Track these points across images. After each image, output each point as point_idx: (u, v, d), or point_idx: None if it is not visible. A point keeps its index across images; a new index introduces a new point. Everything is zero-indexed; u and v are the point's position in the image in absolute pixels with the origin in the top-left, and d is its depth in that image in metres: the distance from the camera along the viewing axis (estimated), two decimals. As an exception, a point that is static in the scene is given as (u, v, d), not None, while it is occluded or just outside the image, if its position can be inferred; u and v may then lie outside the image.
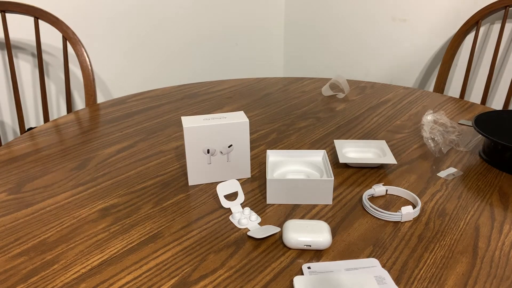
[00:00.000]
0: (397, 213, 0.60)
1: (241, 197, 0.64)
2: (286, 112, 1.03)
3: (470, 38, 1.60)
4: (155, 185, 0.70)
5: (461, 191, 0.68)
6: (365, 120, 0.98)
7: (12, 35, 1.38)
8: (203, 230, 0.59)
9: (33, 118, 1.50)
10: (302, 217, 0.61)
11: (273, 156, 0.72)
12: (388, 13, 1.84)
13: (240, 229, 0.59)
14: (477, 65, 1.64)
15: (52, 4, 1.43)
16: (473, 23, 1.48)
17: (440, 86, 1.55)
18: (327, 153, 0.81)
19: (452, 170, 0.74)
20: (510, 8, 1.45)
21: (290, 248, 0.55)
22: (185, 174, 0.73)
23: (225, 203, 0.62)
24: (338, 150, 0.77)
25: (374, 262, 0.52)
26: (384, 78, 1.95)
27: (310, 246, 0.54)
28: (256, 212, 0.63)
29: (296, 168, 0.70)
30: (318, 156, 0.72)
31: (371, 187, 0.68)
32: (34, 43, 1.42)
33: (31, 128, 1.09)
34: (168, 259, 0.53)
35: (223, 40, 2.00)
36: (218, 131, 0.66)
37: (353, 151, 0.78)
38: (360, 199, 0.65)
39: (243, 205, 0.64)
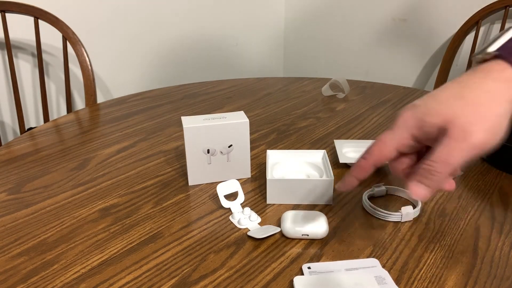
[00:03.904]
0: (397, 213, 0.60)
1: (241, 197, 0.64)
2: (286, 112, 1.03)
3: (470, 38, 1.60)
4: (155, 185, 0.70)
5: (461, 191, 0.68)
6: (365, 120, 0.98)
7: (12, 35, 1.38)
8: (203, 230, 0.59)
9: (33, 118, 1.50)
10: (302, 217, 0.61)
11: (273, 156, 0.72)
12: (388, 13, 1.84)
13: (240, 229, 0.59)
14: (477, 65, 1.64)
15: (52, 4, 1.43)
16: (473, 23, 1.48)
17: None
18: (327, 153, 0.81)
19: (452, 170, 0.74)
20: (510, 8, 1.45)
21: (288, 238, 0.55)
22: (185, 174, 0.73)
23: (225, 203, 0.62)
24: (338, 150, 0.77)
25: (374, 262, 0.52)
26: (384, 78, 1.95)
27: (308, 235, 0.55)
28: (256, 212, 0.63)
29: (296, 168, 0.70)
30: (318, 156, 0.72)
31: (371, 187, 0.68)
32: (34, 43, 1.42)
33: (31, 128, 1.09)
34: (168, 259, 0.53)
35: (223, 40, 2.00)
36: (218, 131, 0.66)
37: (353, 151, 0.78)
38: (360, 199, 0.65)
39: (243, 205, 0.64)
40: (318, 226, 0.55)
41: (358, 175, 0.45)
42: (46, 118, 1.35)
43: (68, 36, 1.28)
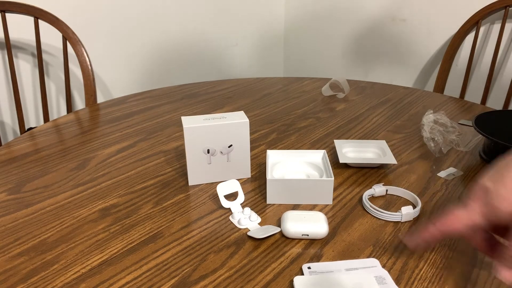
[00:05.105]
0: (397, 213, 0.60)
1: (241, 197, 0.64)
2: (286, 112, 1.03)
3: (470, 38, 1.60)
4: (155, 185, 0.70)
5: (461, 191, 0.68)
6: (365, 120, 0.98)
7: (12, 35, 1.38)
8: (203, 230, 0.59)
9: (33, 118, 1.50)
10: (302, 217, 0.61)
11: (273, 156, 0.72)
12: (388, 13, 1.84)
13: (240, 229, 0.59)
14: (477, 65, 1.64)
15: (52, 4, 1.43)
16: (473, 23, 1.48)
17: (440, 86, 1.55)
18: (327, 153, 0.81)
19: (452, 170, 0.74)
20: (510, 8, 1.45)
21: (288, 238, 0.55)
22: (185, 174, 0.73)
23: (225, 203, 0.62)
24: (338, 150, 0.77)
25: (374, 262, 0.52)
26: (384, 78, 1.95)
27: (308, 235, 0.55)
28: (256, 212, 0.63)
29: (296, 168, 0.70)
30: (318, 156, 0.72)
31: (371, 187, 0.68)
32: (34, 43, 1.42)
33: (31, 128, 1.09)
34: (168, 259, 0.53)
35: (223, 40, 2.00)
36: (218, 131, 0.66)
37: (353, 151, 0.78)
38: (360, 199, 0.65)
39: (243, 205, 0.64)
40: (318, 226, 0.55)
41: (425, 238, 0.47)
42: (46, 118, 1.35)
43: (68, 36, 1.28)
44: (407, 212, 0.59)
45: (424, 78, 1.83)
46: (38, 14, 1.28)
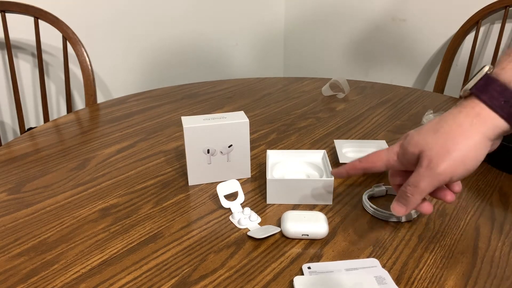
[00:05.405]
0: (397, 213, 0.60)
1: (241, 197, 0.64)
2: (286, 112, 1.03)
3: (470, 38, 1.60)
4: (155, 185, 0.70)
5: (461, 191, 0.68)
6: (365, 120, 0.98)
7: (12, 35, 1.38)
8: (203, 230, 0.59)
9: (33, 118, 1.50)
10: (302, 217, 0.61)
11: (273, 156, 0.72)
12: (388, 13, 1.84)
13: (240, 229, 0.59)
14: (477, 65, 1.64)
15: (52, 4, 1.43)
16: (473, 23, 1.48)
17: (440, 86, 1.55)
18: (327, 153, 0.81)
19: (452, 170, 0.74)
20: (510, 8, 1.45)
21: (288, 238, 0.55)
22: (185, 174, 0.73)
23: (225, 203, 0.62)
24: (338, 150, 0.77)
25: (374, 262, 0.52)
26: (384, 78, 1.95)
27: (308, 235, 0.55)
28: (256, 212, 0.63)
29: (296, 168, 0.70)
30: (318, 156, 0.72)
31: (371, 187, 0.68)
32: (34, 43, 1.42)
33: (31, 128, 1.09)
34: (168, 259, 0.53)
35: (223, 40, 2.00)
36: (218, 131, 0.66)
37: (353, 151, 0.78)
38: (360, 199, 0.65)
39: (243, 205, 0.64)
40: (318, 226, 0.55)
41: (349, 171, 0.55)
42: (46, 118, 1.35)
43: (68, 36, 1.28)
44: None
45: (424, 78, 1.83)
46: (38, 14, 1.28)
